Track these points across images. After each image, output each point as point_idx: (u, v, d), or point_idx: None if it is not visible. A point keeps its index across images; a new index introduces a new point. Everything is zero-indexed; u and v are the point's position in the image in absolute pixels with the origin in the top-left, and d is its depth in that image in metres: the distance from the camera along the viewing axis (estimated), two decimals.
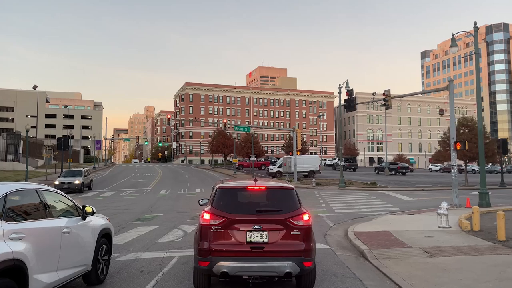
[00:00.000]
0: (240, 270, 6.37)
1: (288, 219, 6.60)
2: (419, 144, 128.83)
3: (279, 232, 6.54)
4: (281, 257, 6.43)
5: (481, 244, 10.70)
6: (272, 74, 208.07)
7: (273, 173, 48.32)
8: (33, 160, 58.98)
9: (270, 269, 6.39)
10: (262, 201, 7.10)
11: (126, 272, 8.23)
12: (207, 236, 6.51)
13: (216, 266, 6.34)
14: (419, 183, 41.89)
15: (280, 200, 6.97)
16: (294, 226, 6.59)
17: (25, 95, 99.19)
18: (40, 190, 6.07)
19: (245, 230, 6.48)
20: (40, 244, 5.43)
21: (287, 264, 6.38)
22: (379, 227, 13.78)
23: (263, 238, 6.48)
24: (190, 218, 16.75)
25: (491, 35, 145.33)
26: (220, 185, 7.21)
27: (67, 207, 6.74)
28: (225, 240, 6.49)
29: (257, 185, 7.08)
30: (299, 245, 6.55)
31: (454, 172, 20.00)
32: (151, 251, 10.30)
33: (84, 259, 6.68)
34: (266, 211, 6.80)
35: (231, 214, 6.58)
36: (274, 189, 7.19)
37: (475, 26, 21.29)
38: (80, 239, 6.59)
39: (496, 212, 16.40)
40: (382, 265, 8.71)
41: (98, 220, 7.51)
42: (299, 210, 6.78)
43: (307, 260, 6.53)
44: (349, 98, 27.97)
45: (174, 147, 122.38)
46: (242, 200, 7.11)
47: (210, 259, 6.39)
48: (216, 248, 6.42)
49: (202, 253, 6.46)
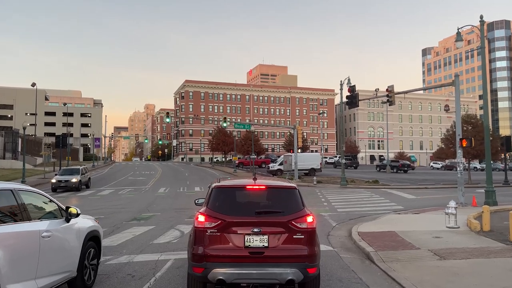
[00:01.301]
0: (238, 277, 5.76)
1: (291, 221, 5.98)
2: (420, 141, 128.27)
3: (280, 235, 5.94)
4: (282, 263, 5.82)
5: (493, 245, 10.15)
6: (273, 72, 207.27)
7: (274, 171, 47.81)
8: (31, 158, 58.51)
9: (270, 276, 5.78)
10: (262, 202, 6.49)
11: (116, 277, 7.69)
12: (201, 240, 5.90)
13: (212, 273, 5.74)
14: (422, 181, 41.36)
15: (282, 200, 6.35)
16: (297, 229, 5.97)
17: (25, 93, 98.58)
18: (16, 190, 5.53)
19: (243, 233, 5.89)
20: (13, 250, 4.92)
21: (289, 270, 5.76)
22: (384, 227, 13.25)
23: (263, 242, 5.89)
24: (188, 217, 16.21)
25: (492, 32, 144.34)
26: (216, 184, 6.59)
27: (48, 209, 6.20)
28: (221, 244, 5.89)
29: (256, 184, 6.48)
30: (303, 249, 5.93)
31: (460, 170, 19.45)
32: (145, 253, 9.77)
33: (68, 264, 6.13)
34: (266, 213, 6.22)
35: (228, 216, 5.98)
36: (275, 189, 6.59)
37: (481, 20, 20.68)
38: (63, 243, 6.04)
39: (504, 211, 15.91)
40: (389, 269, 8.18)
41: (84, 221, 6.94)
42: (302, 211, 6.16)
43: (311, 266, 5.92)
44: (351, 94, 27.40)
45: (174, 145, 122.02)
46: (240, 201, 6.48)
47: (205, 265, 5.80)
48: (211, 253, 5.82)
49: (197, 258, 5.86)
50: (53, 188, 30.11)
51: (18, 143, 56.11)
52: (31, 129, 68.51)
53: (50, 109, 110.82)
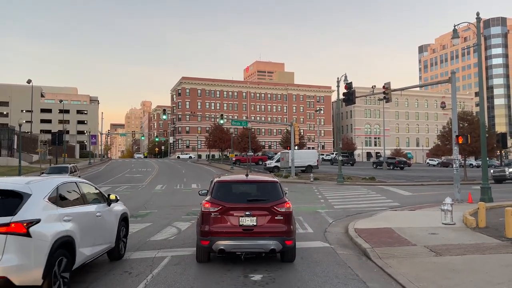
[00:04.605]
0: (234, 248, 7.80)
1: (273, 206, 7.99)
2: (416, 138, 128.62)
3: (265, 217, 7.91)
4: (267, 237, 7.79)
5: (489, 242, 10.21)
6: (270, 68, 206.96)
7: (271, 168, 47.78)
8: (27, 155, 58.26)
9: (258, 247, 7.83)
10: (252, 192, 8.57)
11: (113, 274, 7.68)
12: (207, 220, 7.91)
13: (215, 245, 7.73)
14: (418, 177, 41.50)
15: (267, 191, 8.37)
16: (278, 212, 7.96)
17: (20, 89, 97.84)
18: (78, 182, 7.66)
19: (238, 215, 7.86)
20: (82, 224, 6.83)
21: (272, 242, 7.76)
22: (380, 223, 13.29)
23: (252, 222, 7.86)
24: (185, 214, 16.24)
25: (488, 29, 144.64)
26: (217, 179, 8.70)
27: (95, 196, 8.10)
28: (221, 223, 7.87)
29: (248, 179, 8.69)
30: (282, 227, 7.90)
31: (456, 167, 19.53)
32: (142, 250, 9.76)
33: (109, 237, 8.13)
34: (255, 200, 8.23)
35: (227, 203, 7.97)
36: (261, 183, 8.73)
37: (477, 17, 20.69)
38: (107, 221, 8.04)
39: (500, 208, 16.01)
40: (386, 265, 8.21)
41: (118, 206, 8.90)
42: (282, 199, 8.17)
43: (289, 239, 7.89)
44: (348, 91, 27.42)
45: (171, 142, 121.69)
46: (236, 191, 8.57)
47: (210, 239, 7.77)
48: (214, 230, 7.81)
49: (204, 234, 7.86)
50: None
51: (14, 140, 55.85)
52: (27, 126, 68.00)
53: (46, 106, 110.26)
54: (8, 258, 5.30)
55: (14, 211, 5.60)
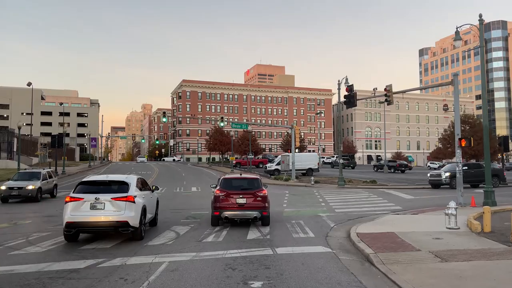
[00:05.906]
0: (233, 216, 13.44)
1: (256, 192, 13.62)
2: (417, 141, 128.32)
3: (251, 198, 13.48)
4: (252, 209, 13.39)
5: (495, 247, 9.94)
6: (270, 71, 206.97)
7: (271, 171, 47.45)
8: (27, 158, 58.01)
9: (247, 215, 13.44)
10: (244, 184, 14.15)
11: (108, 281, 7.41)
12: (218, 200, 13.47)
13: (222, 214, 13.33)
14: (419, 181, 41.14)
15: (252, 183, 14.17)
16: (258, 195, 13.55)
17: (20, 92, 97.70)
18: (142, 178, 13.42)
19: (235, 197, 13.41)
20: (146, 200, 12.24)
21: (255, 213, 13.39)
22: (383, 228, 13.03)
23: (244, 201, 13.41)
24: (185, 218, 16.00)
25: (489, 32, 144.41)
26: (223, 176, 15.01)
27: (148, 185, 13.64)
28: (226, 202, 13.40)
29: (241, 176, 15.12)
30: (261, 204, 13.51)
31: (459, 170, 19.24)
32: (139, 255, 9.50)
33: (153, 211, 13.51)
34: (246, 189, 13.80)
35: (229, 190, 13.62)
36: (249, 178, 14.79)
37: (480, 19, 20.47)
38: (153, 201, 13.65)
39: (504, 212, 15.75)
40: (390, 271, 7.94)
41: (155, 193, 14.30)
42: (261, 188, 13.84)
43: (265, 211, 13.52)
44: (349, 94, 27.16)
45: (171, 144, 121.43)
46: (234, 184, 14.09)
47: (220, 211, 13.35)
48: (222, 205, 13.38)
49: (216, 208, 13.47)
50: (3, 198, 22.73)
51: (14, 143, 55.55)
52: (27, 128, 67.89)
53: (46, 108, 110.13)
54: (127, 212, 10.75)
55: (127, 191, 11.15)
